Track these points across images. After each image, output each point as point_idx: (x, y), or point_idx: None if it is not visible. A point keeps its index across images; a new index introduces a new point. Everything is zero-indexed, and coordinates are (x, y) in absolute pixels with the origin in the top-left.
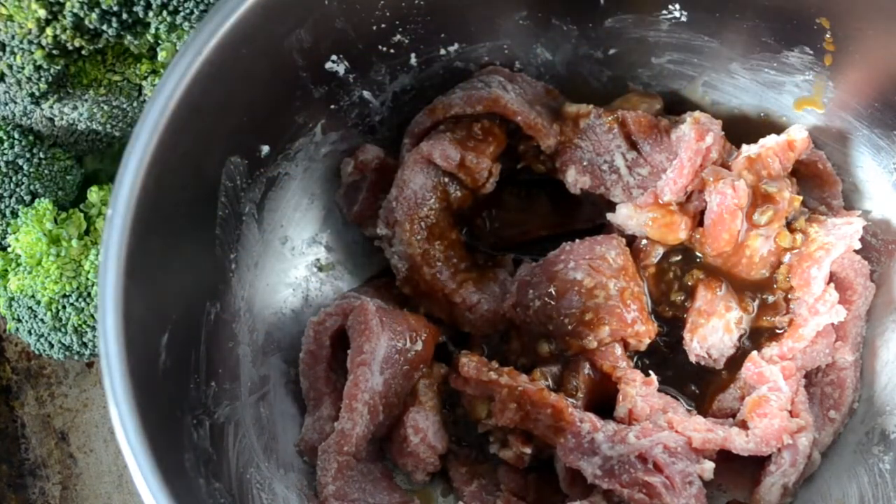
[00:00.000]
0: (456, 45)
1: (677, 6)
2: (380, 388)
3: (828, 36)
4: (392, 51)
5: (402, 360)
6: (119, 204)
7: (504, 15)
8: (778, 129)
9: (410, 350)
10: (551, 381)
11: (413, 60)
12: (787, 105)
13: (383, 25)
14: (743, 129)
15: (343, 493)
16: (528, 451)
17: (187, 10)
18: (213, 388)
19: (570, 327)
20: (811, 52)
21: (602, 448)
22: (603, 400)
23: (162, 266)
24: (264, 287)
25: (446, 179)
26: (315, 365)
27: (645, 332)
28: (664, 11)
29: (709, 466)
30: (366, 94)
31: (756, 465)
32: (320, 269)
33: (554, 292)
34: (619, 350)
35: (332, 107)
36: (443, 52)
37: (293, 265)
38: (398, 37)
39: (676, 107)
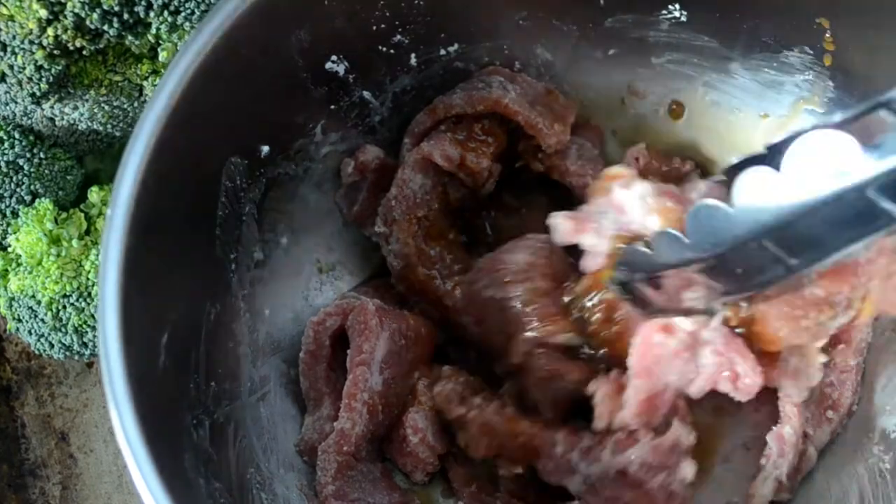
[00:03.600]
0: (456, 46)
1: (677, 6)
2: (379, 387)
3: (827, 35)
4: (392, 51)
5: (401, 361)
6: (119, 205)
7: (504, 15)
8: (778, 129)
9: (410, 350)
10: (515, 403)
11: (413, 61)
12: (787, 105)
13: (383, 26)
14: (742, 129)
15: (343, 493)
16: (520, 470)
17: (188, 11)
18: (213, 388)
19: (500, 347)
20: (811, 51)
21: (580, 467)
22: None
23: (162, 267)
24: (263, 287)
25: (446, 180)
26: (315, 365)
27: (557, 329)
28: (664, 11)
29: (689, 470)
30: (366, 94)
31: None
32: (320, 269)
33: (475, 318)
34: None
35: (332, 107)
36: (443, 52)
37: (293, 266)
38: (398, 37)
39: (676, 107)
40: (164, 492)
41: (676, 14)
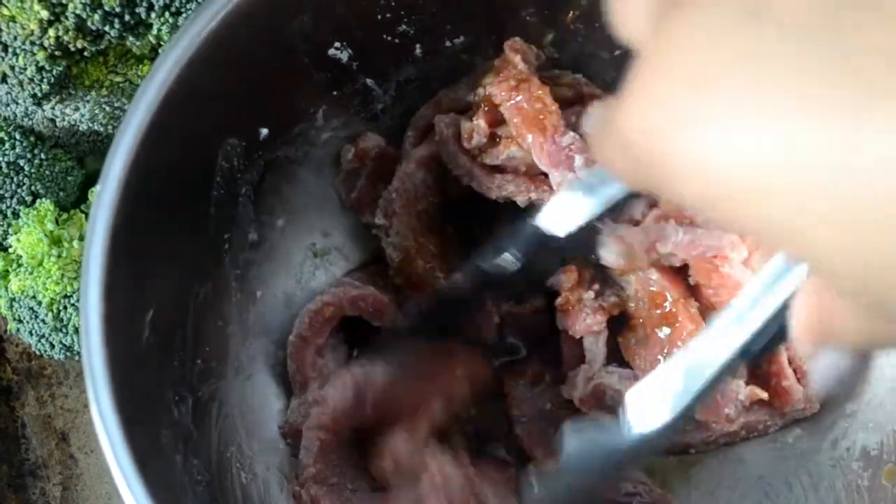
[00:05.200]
0: (462, 38)
1: None
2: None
3: None
4: (397, 40)
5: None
6: (110, 179)
7: (510, 10)
8: None
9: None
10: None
11: (418, 51)
12: None
13: (388, 15)
14: None
15: (323, 477)
16: None
17: (190, 12)
18: (199, 365)
19: None
20: None
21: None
22: None
23: (151, 243)
24: (256, 269)
25: (449, 175)
26: (304, 349)
27: None
28: None
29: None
30: (369, 82)
31: None
32: (315, 254)
33: None
34: None
35: (335, 93)
36: (448, 44)
37: (287, 249)
38: (403, 27)
39: None
40: (135, 464)
41: None
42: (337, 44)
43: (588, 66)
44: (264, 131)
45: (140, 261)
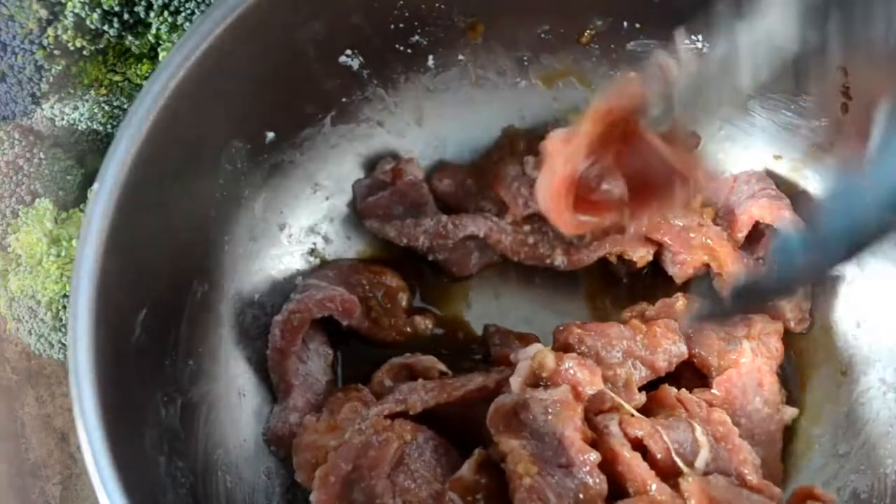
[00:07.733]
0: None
1: (700, 37)
2: None
3: (846, 83)
4: (409, 51)
5: None
6: (107, 175)
7: (526, 26)
8: (791, 171)
9: None
10: None
11: (430, 62)
12: (802, 149)
13: (401, 25)
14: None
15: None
16: None
17: (188, 11)
18: (191, 366)
19: None
20: (829, 97)
21: None
22: None
23: (148, 241)
24: (256, 271)
25: None
26: (283, 360)
27: None
28: (686, 41)
29: None
30: (380, 91)
31: None
32: (316, 256)
33: None
34: None
35: (344, 100)
36: (461, 57)
37: (288, 252)
38: (416, 37)
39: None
40: (113, 463)
41: (699, 45)
42: (348, 51)
43: (601, 88)
44: (271, 135)
45: (135, 260)
